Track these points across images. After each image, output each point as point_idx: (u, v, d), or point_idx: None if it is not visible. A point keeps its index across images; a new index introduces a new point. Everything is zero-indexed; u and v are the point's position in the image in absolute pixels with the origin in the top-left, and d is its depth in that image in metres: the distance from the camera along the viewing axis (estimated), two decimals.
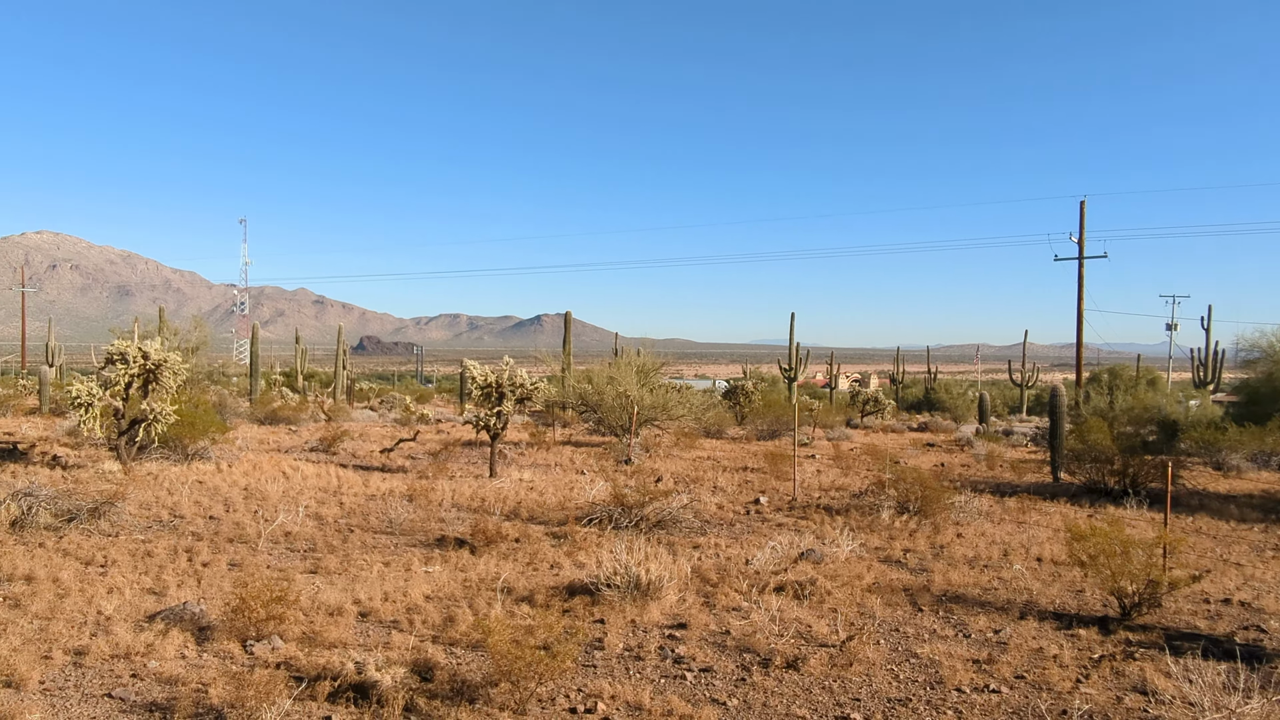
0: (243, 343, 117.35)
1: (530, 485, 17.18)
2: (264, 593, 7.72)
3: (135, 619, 8.02)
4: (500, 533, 11.99)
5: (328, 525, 12.82)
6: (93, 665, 6.90)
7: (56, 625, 7.80)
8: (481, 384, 18.32)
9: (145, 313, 59.77)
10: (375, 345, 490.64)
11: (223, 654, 7.24)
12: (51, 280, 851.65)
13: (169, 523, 12.61)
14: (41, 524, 11.68)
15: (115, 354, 16.99)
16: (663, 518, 13.17)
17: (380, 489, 16.05)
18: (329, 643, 7.52)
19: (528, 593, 9.25)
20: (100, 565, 10.05)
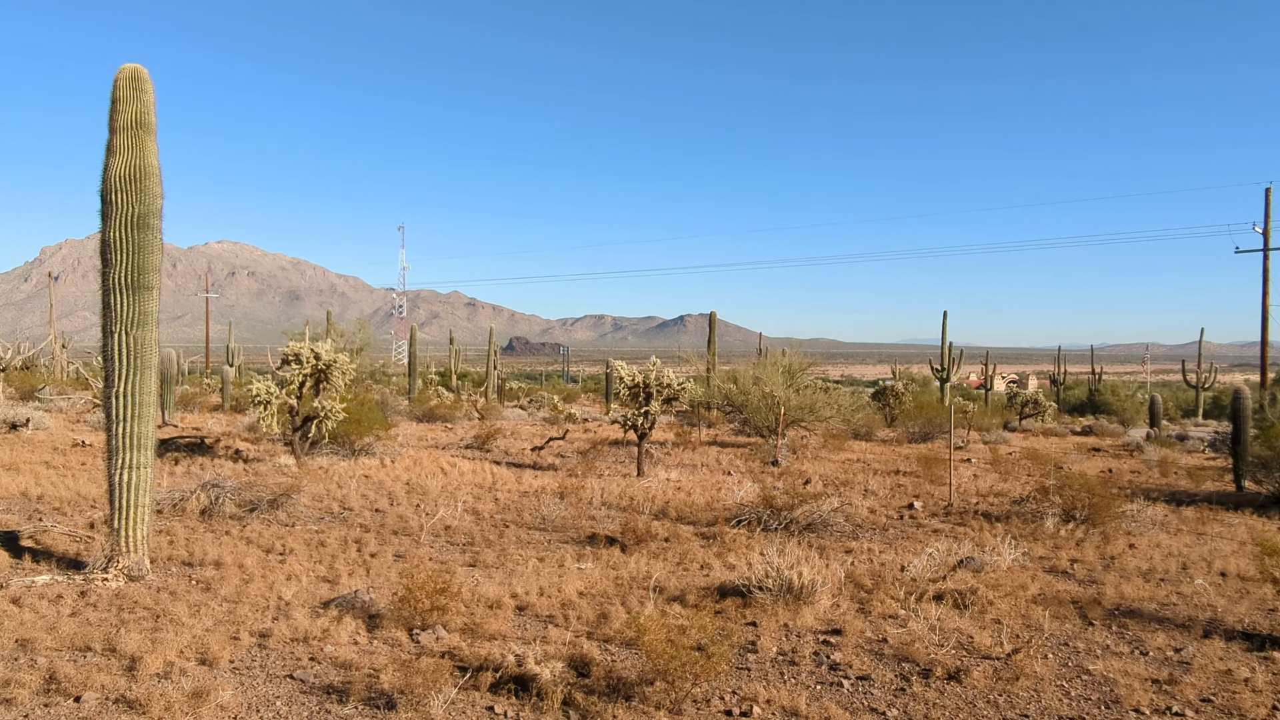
0: (401, 344, 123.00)
1: (677, 485, 17.25)
2: (428, 584, 8.04)
3: (312, 605, 8.50)
4: (650, 532, 12.09)
5: (484, 520, 13.24)
6: (275, 647, 7.36)
7: (243, 609, 8.36)
8: (629, 384, 18.53)
9: (313, 316, 63.42)
10: (523, 346, 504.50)
11: (391, 641, 7.58)
12: (231, 286, 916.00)
13: (339, 514, 13.33)
14: (227, 513, 12.56)
15: (290, 355, 18.11)
16: (813, 521, 12.97)
17: (532, 486, 16.47)
18: (489, 634, 7.76)
19: (679, 592, 9.28)
20: (279, 553, 10.72)
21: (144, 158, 9.81)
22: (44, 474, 15.58)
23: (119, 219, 9.67)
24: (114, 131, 9.81)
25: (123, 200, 9.67)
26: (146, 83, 9.98)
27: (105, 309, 9.76)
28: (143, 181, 9.76)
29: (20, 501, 13.32)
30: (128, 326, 9.62)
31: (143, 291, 9.72)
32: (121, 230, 9.67)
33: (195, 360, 74.55)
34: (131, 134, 9.77)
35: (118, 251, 9.66)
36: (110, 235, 9.72)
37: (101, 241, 9.80)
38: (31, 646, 7.12)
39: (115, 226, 9.69)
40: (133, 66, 9.94)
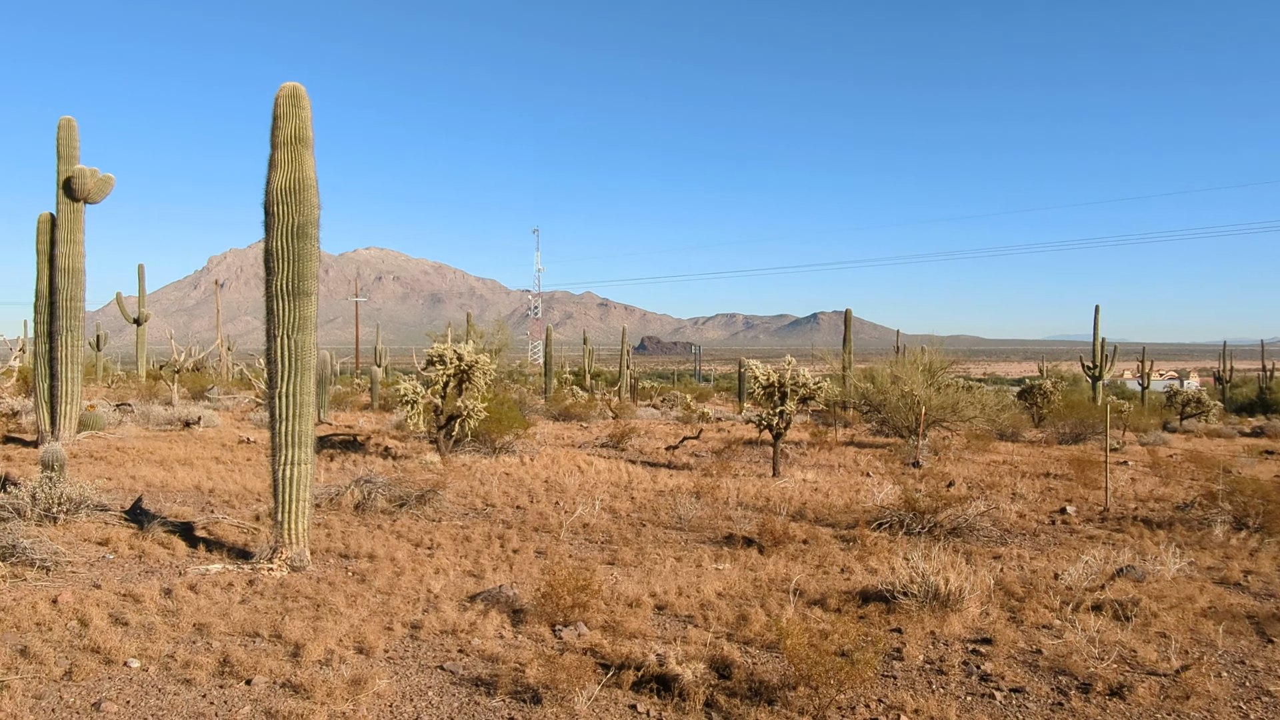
0: (536, 344, 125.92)
1: (814, 486, 16.99)
2: (570, 581, 8.18)
3: (459, 599, 8.79)
4: (787, 533, 11.95)
5: (621, 519, 13.39)
6: (426, 639, 7.64)
7: (395, 600, 8.72)
8: (764, 383, 18.38)
9: (454, 318, 65.62)
10: (655, 345, 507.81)
11: (535, 637, 7.75)
12: (377, 290, 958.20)
13: (482, 511, 13.73)
14: (379, 508, 13.13)
15: (435, 356, 18.80)
16: (958, 525, 12.53)
17: (668, 485, 16.55)
18: (629, 633, 7.83)
19: (819, 596, 9.13)
20: (427, 547, 11.13)
21: (302, 171, 10.36)
22: (214, 469, 16.68)
23: (280, 229, 10.25)
24: (275, 147, 10.40)
25: (283, 212, 10.24)
26: (304, 99, 10.54)
27: (269, 314, 10.36)
28: (301, 193, 10.31)
29: (194, 494, 14.30)
30: (289, 330, 10.19)
31: (302, 297, 10.27)
32: (282, 240, 10.24)
33: (345, 361, 78.37)
34: (291, 149, 10.33)
35: (279, 260, 10.24)
36: (272, 245, 10.32)
37: (265, 251, 10.41)
38: (207, 631, 7.62)
39: (277, 236, 10.27)
40: (292, 85, 10.51)
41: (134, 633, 7.53)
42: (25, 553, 9.38)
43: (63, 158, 19.58)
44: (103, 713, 5.96)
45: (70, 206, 19.58)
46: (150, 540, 10.75)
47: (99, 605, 8.15)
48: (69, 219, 19.55)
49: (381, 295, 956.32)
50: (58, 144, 19.61)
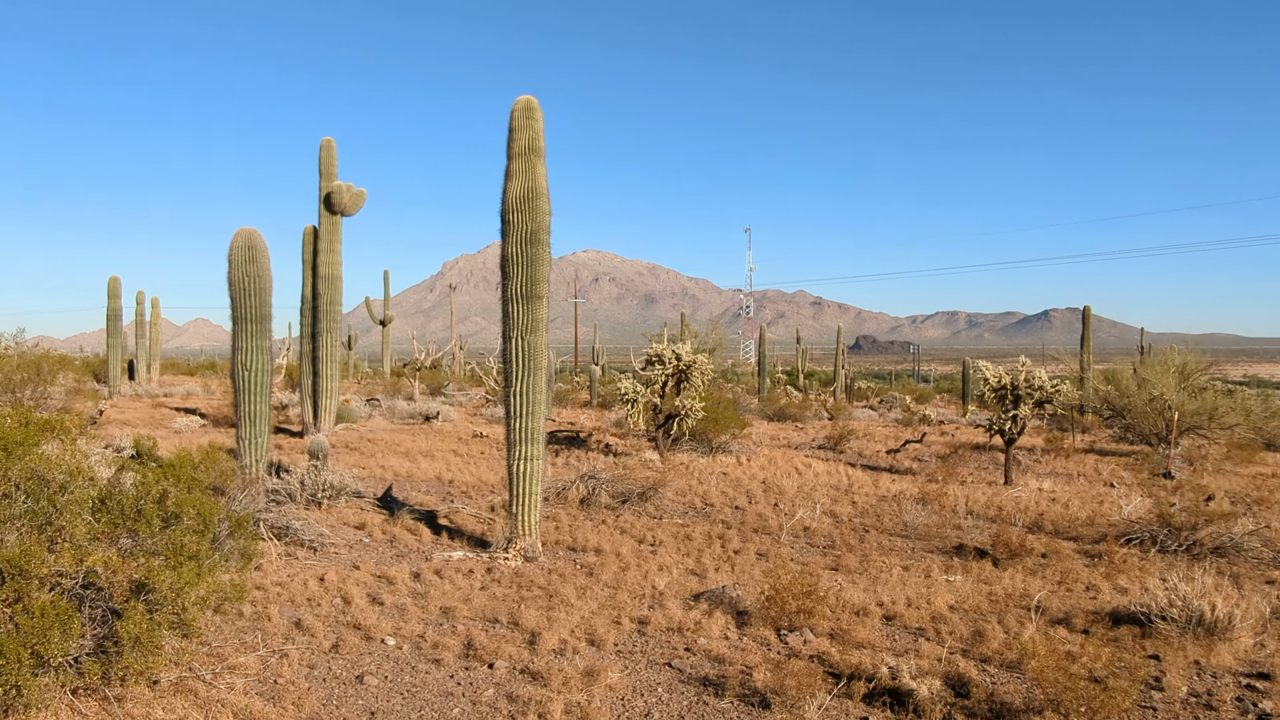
0: (748, 343, 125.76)
1: (1051, 495, 15.92)
2: (794, 586, 8.09)
3: (683, 597, 8.90)
4: (1024, 545, 11.25)
5: (843, 523, 13.11)
6: (653, 635, 7.78)
7: (621, 595, 8.95)
8: (995, 385, 17.43)
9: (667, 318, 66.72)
10: (870, 344, 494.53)
11: (760, 640, 7.71)
12: (594, 291, 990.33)
13: (701, 510, 13.86)
14: (602, 503, 13.54)
15: (654, 356, 19.17)
16: (1221, 544, 11.34)
17: (890, 490, 16.04)
18: (857, 642, 7.64)
19: (1063, 615, 8.53)
20: (650, 544, 11.35)
21: (535, 180, 10.84)
22: (452, 461, 17.80)
23: (515, 236, 10.77)
24: (510, 157, 10.95)
25: (518, 219, 10.76)
26: (537, 111, 11.03)
27: (504, 316, 10.93)
28: (534, 201, 10.79)
29: (435, 484, 15.33)
30: (523, 332, 10.70)
31: (534, 300, 10.75)
32: (517, 246, 10.77)
33: (565, 360, 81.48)
34: (525, 159, 10.84)
35: (514, 265, 10.77)
36: (508, 250, 10.87)
37: (501, 256, 10.98)
38: (452, 614, 8.13)
39: (512, 243, 10.80)
40: (526, 99, 11.02)
41: (389, 612, 8.16)
42: (296, 534, 10.40)
43: (324, 175, 21.55)
44: (365, 685, 6.48)
45: (330, 219, 21.52)
46: (399, 526, 11.61)
47: (358, 585, 8.89)
48: (329, 231, 21.50)
49: (598, 296, 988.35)
50: (320, 163, 21.61)
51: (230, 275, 13.06)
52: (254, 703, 5.99)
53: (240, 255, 13.05)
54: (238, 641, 7.28)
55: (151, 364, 39.28)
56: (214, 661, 6.73)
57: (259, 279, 13.10)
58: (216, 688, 6.25)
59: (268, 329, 13.22)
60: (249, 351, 12.98)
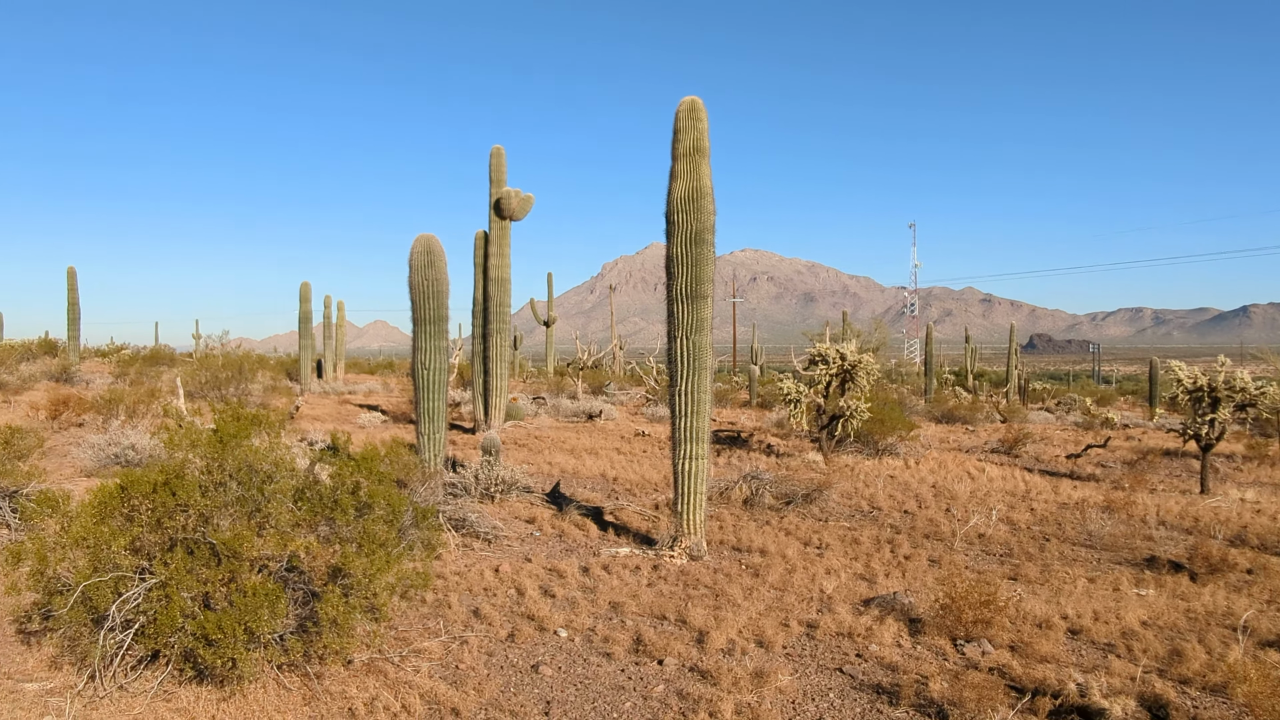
0: (913, 342, 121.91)
1: (1256, 506, 14.64)
2: (971, 594, 7.78)
3: (852, 602, 8.72)
4: (1226, 560, 10.40)
5: (1020, 531, 12.50)
6: (822, 639, 7.66)
7: (788, 597, 8.86)
8: (1189, 387, 16.19)
9: (827, 316, 65.57)
10: (1045, 343, 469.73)
11: (935, 649, 7.46)
12: (752, 291, 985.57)
13: (868, 513, 13.54)
14: (766, 504, 13.45)
15: (817, 356, 18.88)
16: None
17: (1071, 497, 15.17)
18: (1040, 656, 7.27)
19: (1275, 637, 7.83)
20: (816, 547, 11.19)
21: (700, 180, 10.88)
22: (615, 459, 18.11)
23: (680, 236, 10.85)
24: (675, 158, 11.03)
25: (683, 219, 10.83)
26: (701, 112, 11.06)
27: (669, 316, 11.03)
28: (699, 201, 10.83)
29: (600, 481, 15.64)
30: (687, 332, 10.76)
31: (699, 300, 10.79)
32: (681, 246, 10.84)
33: (724, 359, 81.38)
34: (690, 160, 10.90)
35: (679, 265, 10.84)
36: (673, 251, 10.95)
37: (666, 257, 11.09)
38: (621, 609, 8.28)
39: (677, 243, 10.88)
40: (690, 99, 11.08)
41: (560, 605, 8.38)
42: (472, 526, 10.84)
43: (494, 181, 22.38)
44: (540, 675, 6.69)
45: (499, 224, 22.32)
46: (568, 521, 11.91)
47: (531, 577, 9.18)
48: (498, 235, 22.30)
49: (756, 295, 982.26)
50: (490, 170, 22.45)
51: (411, 279, 13.75)
52: (438, 686, 6.29)
53: (420, 260, 13.72)
54: (421, 627, 7.66)
55: (337, 363, 41.86)
56: (401, 645, 7.11)
57: (437, 282, 13.73)
58: (404, 670, 6.59)
59: (445, 330, 13.85)
60: (428, 351, 13.63)
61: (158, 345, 59.59)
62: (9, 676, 6.30)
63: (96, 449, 14.42)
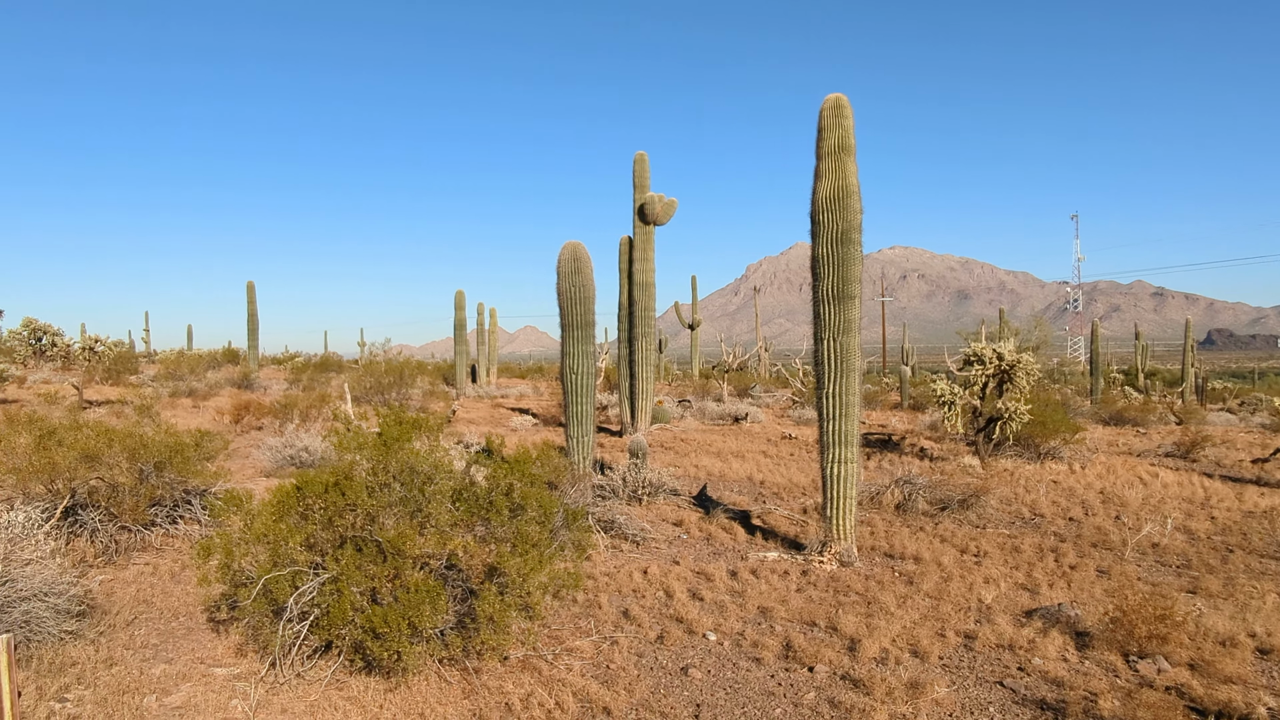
0: (1077, 340, 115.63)
1: None
2: (1145, 608, 7.32)
3: (1013, 613, 8.35)
4: None
5: (1200, 541, 11.66)
6: (981, 651, 7.38)
7: (944, 606, 8.57)
8: None
9: (982, 314, 62.93)
10: (1226, 339, 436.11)
11: (1104, 665, 7.05)
12: (902, 289, 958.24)
13: (1030, 520, 12.93)
14: (919, 509, 13.05)
15: (973, 355, 18.18)
16: None
17: (1259, 505, 14.03)
18: (1224, 675, 6.76)
19: None
20: (974, 555, 10.77)
21: (845, 179, 10.68)
22: (762, 462, 17.99)
23: (825, 236, 10.68)
24: (820, 157, 10.87)
25: (828, 219, 10.66)
26: (847, 109, 10.86)
27: (815, 318, 10.87)
28: (844, 200, 10.63)
29: (747, 485, 15.56)
30: (834, 333, 10.58)
31: (846, 301, 10.59)
32: (827, 246, 10.67)
33: (872, 360, 79.50)
34: (835, 158, 10.72)
35: (825, 266, 10.68)
36: (818, 251, 10.80)
37: (811, 258, 10.94)
38: (769, 615, 8.21)
39: (822, 243, 10.72)
40: (835, 97, 10.90)
41: (708, 608, 8.40)
42: (621, 528, 11.00)
43: (637, 187, 22.66)
44: (690, 678, 6.72)
45: (643, 229, 22.57)
46: (715, 525, 11.92)
47: (679, 580, 9.24)
48: (642, 240, 22.56)
49: (906, 294, 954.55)
50: (634, 176, 22.74)
51: (559, 285, 14.09)
52: (590, 685, 6.42)
53: (567, 267, 14.04)
54: (573, 626, 7.83)
55: (490, 368, 43.32)
56: (554, 643, 7.29)
57: (584, 288, 14.02)
58: (557, 668, 6.76)
59: (592, 335, 14.11)
60: (575, 356, 13.93)
61: (327, 353, 63.31)
62: (201, 661, 6.83)
63: (274, 451, 15.45)
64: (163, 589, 8.64)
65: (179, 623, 7.74)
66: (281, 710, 5.97)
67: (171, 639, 7.34)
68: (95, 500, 9.96)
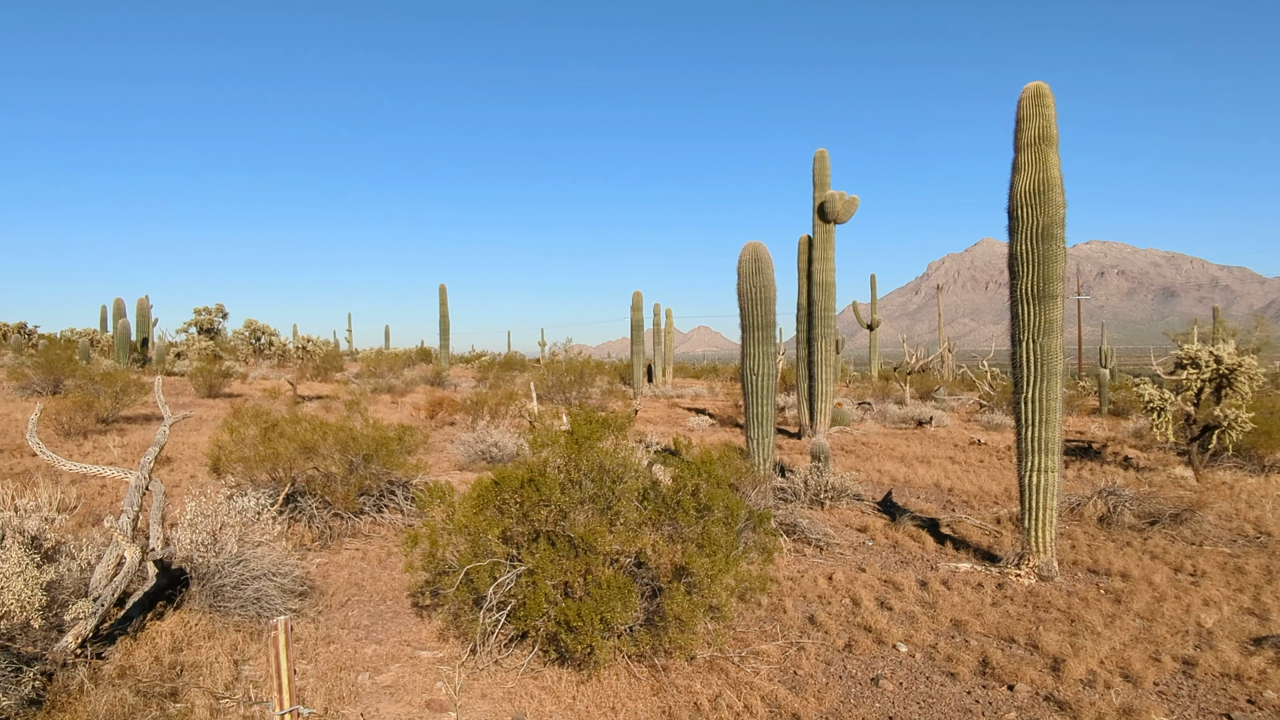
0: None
1: None
2: None
3: (1239, 639, 7.66)
4: None
5: None
6: (1203, 679, 6.80)
7: (1158, 628, 7.96)
8: None
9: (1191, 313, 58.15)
10: None
11: None
12: (1099, 286, 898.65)
13: (1255, 539, 11.81)
14: (1125, 523, 12.18)
15: (1186, 359, 16.80)
16: None
17: None
18: None
19: None
20: (1189, 574, 9.95)
21: (1046, 171, 10.11)
22: (949, 468, 17.30)
23: (1024, 233, 10.14)
24: (1018, 149, 10.34)
25: (1027, 214, 10.12)
26: (1048, 97, 10.28)
27: (1013, 318, 10.35)
28: (1046, 194, 10.06)
29: (934, 491, 15.01)
30: (1034, 334, 10.03)
31: (1047, 301, 10.02)
32: (1026, 243, 10.13)
33: (1068, 362, 74.92)
34: (1035, 149, 10.16)
35: (1023, 264, 10.14)
36: (1016, 249, 10.27)
37: (1009, 255, 10.42)
38: (964, 628, 7.89)
39: (1021, 240, 10.19)
40: (1035, 85, 10.34)
41: (897, 618, 8.15)
42: (803, 532, 10.86)
43: (817, 185, 22.30)
44: (880, 689, 6.54)
45: (823, 228, 22.20)
46: (901, 532, 11.56)
47: (866, 588, 9.02)
48: (822, 239, 22.19)
49: (1104, 291, 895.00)
50: (813, 174, 22.40)
51: (739, 286, 14.06)
52: (779, 690, 6.36)
53: (748, 267, 14.00)
54: (758, 630, 7.79)
55: (666, 368, 43.80)
56: (739, 646, 7.28)
57: (765, 289, 13.93)
58: (743, 670, 6.75)
59: (773, 335, 14.00)
60: (756, 357, 13.86)
61: (510, 352, 65.90)
62: (407, 644, 7.25)
63: (466, 446, 16.21)
64: (371, 574, 9.23)
65: (386, 606, 8.24)
66: (481, 695, 6.25)
67: (380, 621, 7.83)
68: (311, 489, 10.76)
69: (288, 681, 3.99)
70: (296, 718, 4.07)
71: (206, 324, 46.70)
